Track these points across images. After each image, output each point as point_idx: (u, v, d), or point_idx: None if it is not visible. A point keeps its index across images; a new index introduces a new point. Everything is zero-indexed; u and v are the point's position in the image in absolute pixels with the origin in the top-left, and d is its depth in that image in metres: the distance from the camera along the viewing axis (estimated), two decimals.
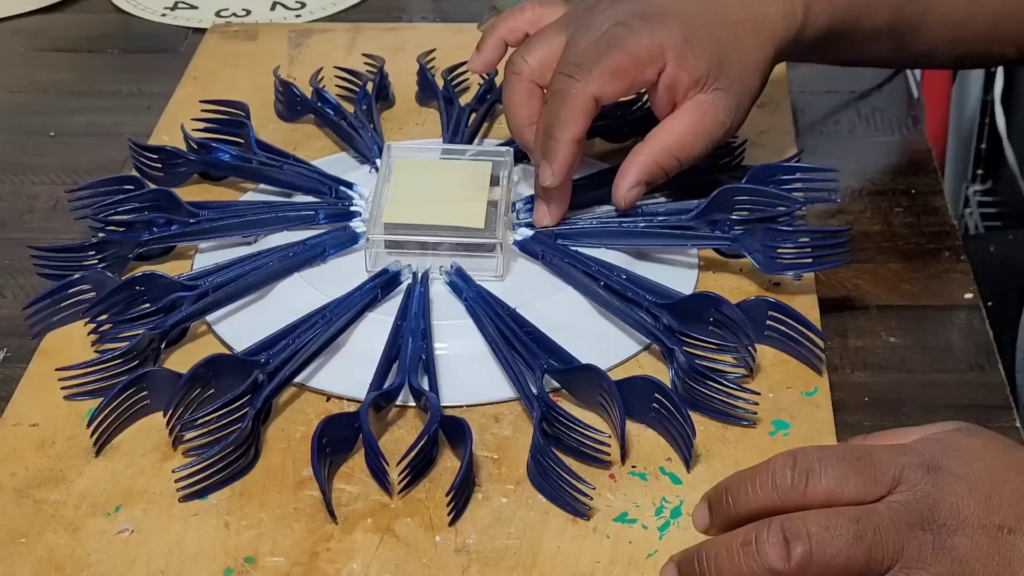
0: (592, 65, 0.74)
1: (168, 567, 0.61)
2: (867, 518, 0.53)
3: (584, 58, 0.75)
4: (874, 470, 0.54)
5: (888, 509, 0.53)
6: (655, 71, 0.75)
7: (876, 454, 0.55)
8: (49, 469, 0.66)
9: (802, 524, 0.53)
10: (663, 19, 0.75)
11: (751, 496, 0.55)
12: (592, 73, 0.74)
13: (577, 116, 0.75)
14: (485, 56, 0.86)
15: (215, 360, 0.69)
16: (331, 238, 0.79)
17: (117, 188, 0.83)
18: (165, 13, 1.13)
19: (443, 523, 0.63)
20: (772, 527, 0.53)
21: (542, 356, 0.70)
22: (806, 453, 0.55)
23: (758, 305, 0.72)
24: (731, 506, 0.56)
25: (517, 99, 0.79)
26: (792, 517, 0.53)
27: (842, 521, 0.53)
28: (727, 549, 0.54)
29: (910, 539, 0.53)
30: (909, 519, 0.53)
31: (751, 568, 0.53)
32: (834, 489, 0.54)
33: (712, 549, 0.54)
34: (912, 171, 0.88)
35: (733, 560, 0.53)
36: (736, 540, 0.53)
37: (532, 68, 0.78)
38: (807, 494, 0.54)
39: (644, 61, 0.75)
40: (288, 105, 0.94)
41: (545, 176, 0.76)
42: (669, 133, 0.77)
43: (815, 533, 0.52)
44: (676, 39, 0.75)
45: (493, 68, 0.87)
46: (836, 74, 0.90)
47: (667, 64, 0.75)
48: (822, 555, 0.52)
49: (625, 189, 0.77)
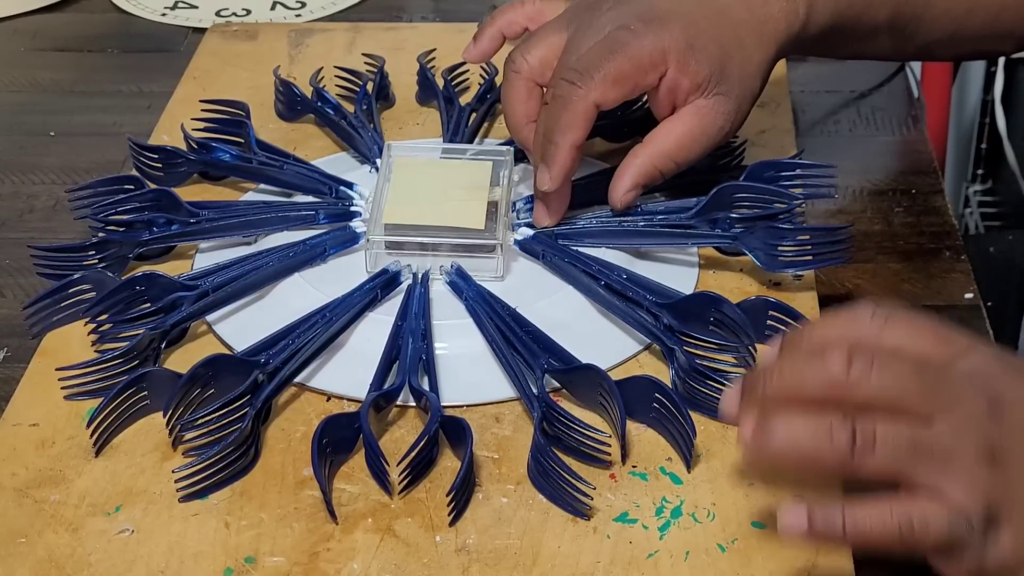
0: (594, 71, 0.74)
1: (168, 567, 0.61)
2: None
3: (586, 64, 0.74)
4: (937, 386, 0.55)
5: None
6: (657, 76, 0.75)
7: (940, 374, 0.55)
8: (49, 469, 0.66)
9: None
10: (665, 23, 0.75)
11: (798, 377, 0.56)
12: (594, 80, 0.74)
13: (578, 122, 0.74)
14: (481, 47, 0.86)
15: (215, 360, 0.69)
16: (331, 238, 0.79)
17: (117, 188, 0.83)
18: (165, 13, 1.13)
19: (443, 523, 0.63)
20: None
21: (542, 356, 0.70)
22: (863, 354, 0.55)
23: (758, 305, 0.72)
24: (771, 382, 0.56)
25: (516, 97, 0.79)
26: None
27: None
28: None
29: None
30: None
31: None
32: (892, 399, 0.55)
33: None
34: (912, 171, 0.88)
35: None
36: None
37: (532, 67, 0.78)
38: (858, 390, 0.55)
39: (646, 66, 0.74)
40: (288, 105, 0.94)
41: (543, 181, 0.76)
42: (667, 136, 0.77)
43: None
44: (678, 44, 0.74)
45: (487, 59, 0.87)
46: (836, 74, 0.90)
47: (669, 69, 0.75)
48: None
49: (622, 192, 0.77)
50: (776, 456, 0.55)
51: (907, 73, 1.00)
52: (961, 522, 0.53)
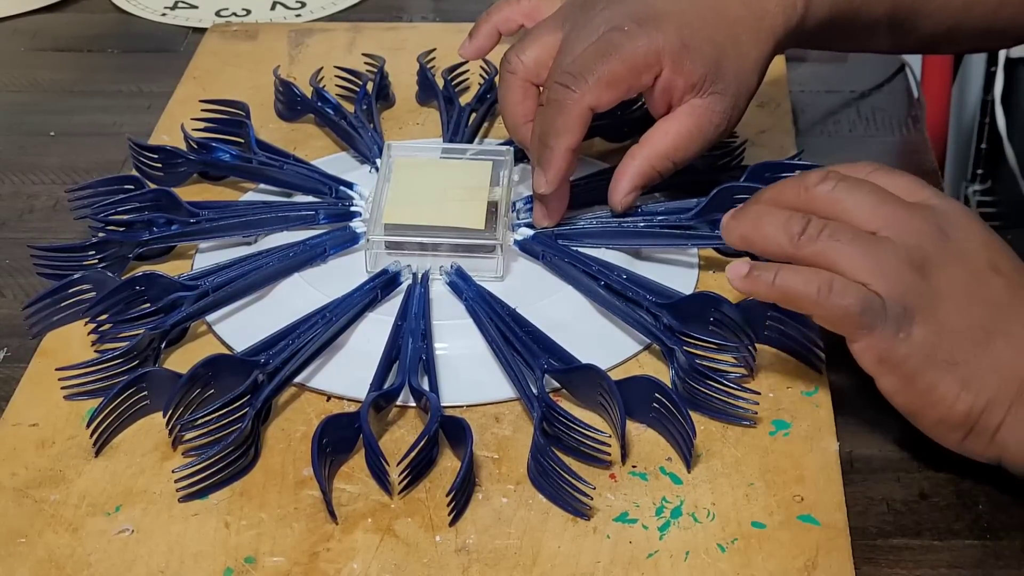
0: (588, 75, 0.74)
1: (168, 567, 0.61)
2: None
3: (580, 67, 0.74)
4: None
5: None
6: (651, 77, 0.75)
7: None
8: (49, 469, 0.66)
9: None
10: (659, 23, 0.74)
11: (779, 187, 0.67)
12: (588, 83, 0.73)
13: (572, 126, 0.74)
14: (477, 43, 0.86)
15: (215, 360, 0.69)
16: (331, 238, 0.79)
17: (117, 188, 0.83)
18: (165, 13, 1.13)
19: (443, 523, 0.63)
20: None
21: (542, 356, 0.70)
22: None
23: (758, 305, 0.72)
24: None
25: (512, 98, 0.79)
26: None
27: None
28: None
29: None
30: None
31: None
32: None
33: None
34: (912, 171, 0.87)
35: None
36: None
37: (527, 67, 0.78)
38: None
39: (640, 68, 0.74)
40: (288, 105, 0.94)
41: (540, 184, 0.76)
42: (664, 136, 0.77)
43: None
44: (673, 44, 0.74)
45: (483, 56, 0.88)
46: (836, 74, 0.90)
47: (663, 70, 0.75)
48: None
49: (621, 195, 0.77)
50: (743, 233, 0.66)
51: (907, 73, 1.00)
52: (875, 300, 0.61)
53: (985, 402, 0.61)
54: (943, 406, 0.61)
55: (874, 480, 0.66)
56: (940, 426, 0.62)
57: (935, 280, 0.62)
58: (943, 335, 0.61)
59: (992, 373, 0.61)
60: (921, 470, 0.66)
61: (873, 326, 0.61)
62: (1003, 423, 0.61)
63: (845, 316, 0.61)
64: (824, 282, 0.62)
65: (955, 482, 0.65)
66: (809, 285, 0.62)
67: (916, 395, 0.62)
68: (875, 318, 0.61)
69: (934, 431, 0.63)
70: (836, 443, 0.67)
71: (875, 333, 0.61)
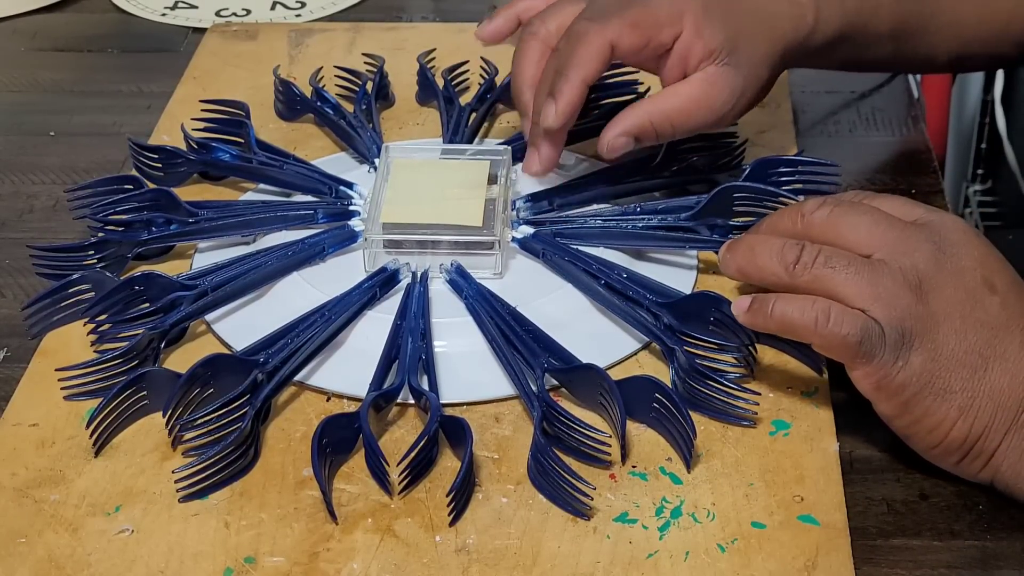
0: (612, 15, 0.75)
1: (168, 567, 0.61)
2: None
3: (604, 10, 0.75)
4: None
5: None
6: (672, 35, 0.76)
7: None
8: (49, 469, 0.66)
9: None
10: None
11: (776, 217, 0.69)
12: (611, 21, 0.74)
13: (592, 57, 0.74)
14: (495, 24, 0.85)
15: (214, 360, 0.69)
16: (330, 237, 0.79)
17: (116, 188, 0.83)
18: (165, 13, 1.13)
19: (443, 523, 0.63)
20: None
21: (542, 355, 0.70)
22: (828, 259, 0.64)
23: None
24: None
25: (527, 59, 0.79)
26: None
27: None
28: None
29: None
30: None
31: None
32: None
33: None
34: (912, 171, 0.88)
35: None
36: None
37: (549, 31, 0.78)
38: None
39: (663, 22, 0.75)
40: (288, 105, 0.94)
41: (548, 115, 0.76)
42: (672, 96, 0.77)
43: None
44: (696, 8, 0.75)
45: (499, 40, 0.86)
46: (836, 74, 0.90)
47: (684, 31, 0.75)
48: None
49: (612, 135, 0.77)
50: (739, 266, 0.67)
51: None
52: (873, 327, 0.61)
53: (982, 429, 0.61)
54: (940, 432, 0.62)
55: (874, 480, 0.66)
56: (936, 450, 0.63)
57: (932, 303, 0.62)
58: (940, 362, 0.61)
59: (988, 400, 0.61)
60: (921, 470, 0.66)
61: (872, 355, 0.61)
62: (998, 449, 0.62)
63: (844, 346, 0.61)
64: (822, 311, 0.62)
65: (955, 482, 0.65)
66: (807, 314, 0.62)
67: (913, 420, 0.62)
68: (874, 347, 0.61)
69: (930, 454, 0.63)
70: (836, 443, 0.67)
71: (873, 363, 0.61)
